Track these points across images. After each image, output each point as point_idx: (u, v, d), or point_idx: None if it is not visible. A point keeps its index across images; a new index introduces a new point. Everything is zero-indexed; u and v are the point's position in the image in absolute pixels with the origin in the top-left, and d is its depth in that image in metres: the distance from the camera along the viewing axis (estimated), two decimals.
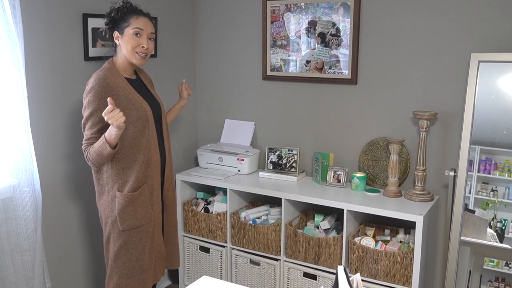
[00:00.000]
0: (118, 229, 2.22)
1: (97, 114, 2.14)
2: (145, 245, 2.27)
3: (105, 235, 2.29)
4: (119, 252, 2.24)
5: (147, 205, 2.26)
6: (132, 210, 2.21)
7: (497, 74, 2.46)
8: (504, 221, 2.51)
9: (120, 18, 2.24)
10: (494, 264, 2.60)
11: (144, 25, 2.24)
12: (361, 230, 2.72)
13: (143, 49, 2.23)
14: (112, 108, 2.02)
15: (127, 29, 2.21)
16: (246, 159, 3.08)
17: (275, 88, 3.19)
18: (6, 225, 2.27)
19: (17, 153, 2.27)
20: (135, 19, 2.23)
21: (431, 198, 2.64)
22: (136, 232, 2.24)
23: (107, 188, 2.24)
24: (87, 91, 2.18)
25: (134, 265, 2.26)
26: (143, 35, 2.23)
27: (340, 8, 2.86)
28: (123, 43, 2.22)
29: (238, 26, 3.26)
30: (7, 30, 2.16)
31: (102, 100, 2.12)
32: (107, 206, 2.25)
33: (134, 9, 2.27)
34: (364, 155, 2.92)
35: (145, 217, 2.26)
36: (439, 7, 2.61)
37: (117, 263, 2.26)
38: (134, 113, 2.19)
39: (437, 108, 2.66)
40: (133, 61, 2.25)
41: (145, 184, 2.25)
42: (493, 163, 2.55)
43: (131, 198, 2.21)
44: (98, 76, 2.17)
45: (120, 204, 2.20)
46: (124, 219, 2.21)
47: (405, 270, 2.46)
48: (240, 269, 2.99)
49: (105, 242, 2.30)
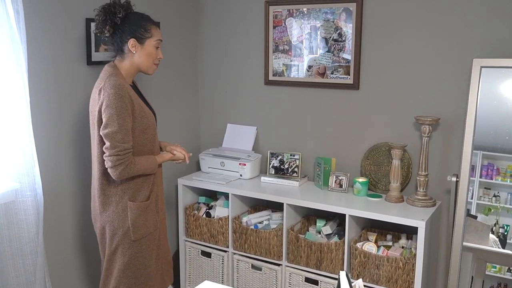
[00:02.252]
0: (129, 240, 2.18)
1: (127, 120, 2.06)
2: (152, 252, 2.26)
3: (111, 247, 2.20)
4: (130, 262, 2.19)
5: (154, 212, 2.25)
6: (143, 219, 2.19)
7: (499, 80, 2.46)
8: (506, 227, 2.51)
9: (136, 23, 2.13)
10: (496, 270, 2.59)
11: (162, 36, 2.20)
12: (363, 235, 2.72)
13: (158, 61, 2.21)
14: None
15: (150, 40, 2.14)
16: (248, 163, 3.08)
17: (277, 93, 3.20)
18: (8, 229, 2.27)
19: (19, 157, 2.28)
20: (156, 30, 2.17)
21: (433, 204, 2.64)
22: (145, 241, 2.22)
23: (115, 199, 2.17)
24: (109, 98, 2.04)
25: (142, 273, 2.23)
26: (160, 45, 2.21)
27: (343, 13, 2.86)
28: (143, 55, 2.15)
29: (240, 31, 3.27)
30: (10, 35, 2.17)
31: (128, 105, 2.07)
32: (116, 217, 2.17)
33: (150, 17, 2.20)
34: (366, 160, 2.91)
35: (153, 224, 2.24)
36: (441, 13, 2.61)
37: (126, 274, 2.20)
38: (146, 120, 2.16)
39: (439, 113, 2.66)
40: (149, 72, 2.21)
41: (153, 192, 2.24)
42: (495, 168, 2.55)
43: (144, 207, 2.18)
44: (116, 82, 2.06)
45: (134, 214, 2.16)
46: (137, 228, 2.17)
47: (407, 276, 2.46)
48: (241, 274, 2.98)
49: (110, 254, 2.21)
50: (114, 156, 2.06)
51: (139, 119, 2.12)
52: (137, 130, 2.13)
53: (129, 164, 2.09)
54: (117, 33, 2.15)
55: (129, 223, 2.16)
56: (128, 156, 2.09)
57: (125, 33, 2.14)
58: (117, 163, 2.06)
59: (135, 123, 2.12)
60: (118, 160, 2.06)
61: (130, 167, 2.09)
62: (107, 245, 2.23)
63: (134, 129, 2.12)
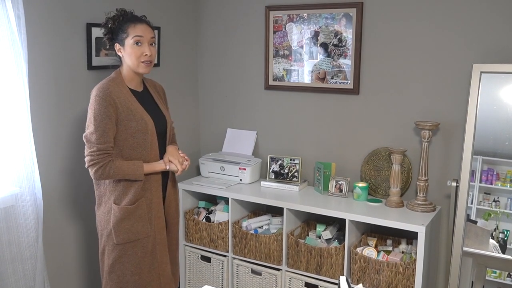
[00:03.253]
0: (113, 242, 2.19)
1: (105, 122, 2.09)
2: (141, 260, 2.22)
3: (100, 246, 2.26)
4: (114, 265, 2.20)
5: (145, 219, 2.21)
6: (128, 224, 2.17)
7: (499, 85, 2.47)
8: (506, 232, 2.51)
9: (118, 28, 2.18)
10: (496, 275, 2.59)
11: (143, 32, 2.16)
12: (363, 240, 2.72)
13: (146, 57, 2.17)
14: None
15: (127, 39, 2.15)
16: (248, 168, 3.08)
17: (277, 98, 3.20)
18: (8, 233, 2.27)
19: (19, 162, 2.28)
20: (133, 27, 2.16)
21: (433, 209, 2.64)
22: (131, 247, 2.19)
23: (104, 199, 2.21)
24: (91, 101, 2.14)
25: (128, 279, 2.21)
26: (144, 42, 2.16)
27: (343, 19, 2.87)
28: (126, 55, 2.17)
29: (240, 36, 3.28)
30: (11, 39, 2.18)
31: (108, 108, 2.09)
32: (103, 217, 2.21)
33: (130, 17, 2.20)
34: (366, 165, 2.92)
35: (141, 231, 2.20)
36: (441, 18, 2.62)
37: (111, 277, 2.22)
38: (134, 124, 2.15)
39: (439, 118, 2.67)
40: (139, 71, 2.20)
41: (143, 198, 2.20)
42: (495, 173, 2.55)
43: (128, 211, 2.17)
44: (101, 85, 2.14)
45: (116, 217, 2.16)
46: (119, 232, 2.17)
47: (407, 281, 2.45)
48: (241, 278, 2.98)
49: (101, 253, 2.27)
50: (89, 156, 2.12)
51: (125, 122, 2.13)
52: (123, 133, 2.14)
53: (105, 166, 2.10)
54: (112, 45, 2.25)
55: (111, 225, 2.18)
56: (104, 157, 2.10)
57: (113, 41, 2.22)
58: (91, 163, 2.11)
59: (120, 127, 2.13)
60: (92, 161, 2.10)
61: (106, 169, 2.11)
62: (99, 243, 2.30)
63: (121, 133, 2.14)
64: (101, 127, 2.09)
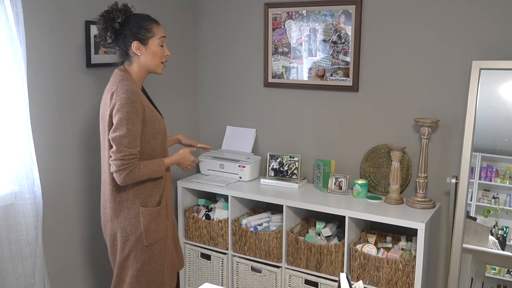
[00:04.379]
0: (142, 245, 2.16)
1: (136, 126, 2.04)
2: (164, 256, 2.25)
3: (123, 253, 2.19)
4: (143, 268, 2.18)
5: (164, 217, 2.24)
6: (155, 224, 2.18)
7: (498, 82, 2.47)
8: (505, 229, 2.51)
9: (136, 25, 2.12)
10: (496, 271, 2.59)
11: (164, 33, 2.17)
12: (362, 237, 2.72)
13: (166, 58, 2.18)
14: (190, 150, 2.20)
15: (153, 39, 2.12)
16: (247, 166, 3.08)
17: (276, 95, 3.20)
18: (7, 231, 2.27)
19: (18, 160, 2.27)
20: (157, 27, 2.14)
21: (432, 205, 2.64)
22: (157, 245, 2.21)
23: (127, 205, 2.16)
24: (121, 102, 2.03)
25: (154, 278, 2.21)
26: (164, 43, 2.17)
27: (342, 16, 2.87)
28: (149, 55, 2.13)
29: (239, 33, 3.28)
30: (9, 37, 2.17)
31: (139, 111, 2.05)
32: (128, 223, 2.15)
33: (149, 16, 2.18)
34: (366, 162, 2.92)
35: (164, 229, 2.23)
36: (441, 15, 2.62)
37: (139, 280, 2.18)
38: (156, 125, 2.14)
39: (439, 115, 2.67)
40: (158, 71, 2.19)
41: (163, 197, 2.23)
42: (495, 170, 2.55)
43: (156, 212, 2.18)
44: (129, 87, 2.05)
45: (146, 219, 2.15)
46: (149, 233, 2.16)
47: (407, 278, 2.46)
48: (241, 276, 2.98)
49: (122, 261, 2.20)
50: (119, 160, 2.04)
51: (150, 123, 2.10)
52: (147, 135, 2.11)
53: (134, 169, 2.06)
54: (120, 38, 2.15)
55: (141, 228, 2.14)
56: (133, 161, 2.06)
57: (127, 37, 2.12)
58: (121, 168, 2.04)
59: (146, 128, 2.10)
60: (123, 165, 2.04)
61: (134, 172, 2.06)
62: (118, 251, 2.21)
63: (145, 134, 2.11)
64: (133, 131, 2.04)
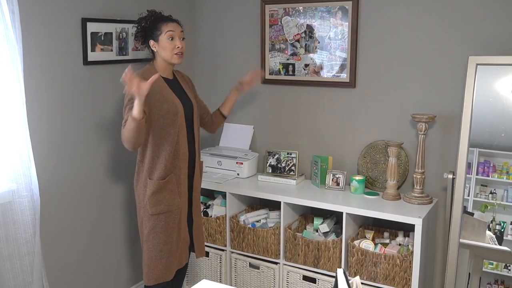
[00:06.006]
0: (148, 213, 2.40)
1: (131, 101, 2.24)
2: (172, 230, 2.44)
3: (139, 218, 2.49)
4: (149, 234, 2.42)
5: (175, 193, 2.43)
6: (160, 197, 2.39)
7: (495, 77, 2.47)
8: (503, 224, 2.52)
9: (152, 27, 2.43)
10: (493, 266, 2.60)
11: (174, 28, 2.45)
12: (360, 233, 2.73)
13: (179, 49, 2.44)
14: (130, 76, 2.12)
15: (161, 36, 2.42)
16: (245, 162, 3.08)
17: (273, 92, 3.20)
18: (5, 229, 2.27)
19: (15, 158, 2.27)
20: (165, 25, 2.43)
21: (430, 201, 2.64)
22: (164, 217, 2.40)
23: (141, 176, 2.44)
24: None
25: (162, 248, 2.42)
26: (175, 36, 2.43)
27: (338, 12, 2.87)
28: (161, 49, 2.43)
29: (236, 30, 3.27)
30: (6, 34, 2.17)
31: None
32: (141, 191, 2.44)
33: (162, 16, 2.48)
34: (363, 158, 2.92)
35: (172, 204, 2.42)
36: (437, 10, 2.62)
37: (147, 245, 2.43)
38: (165, 106, 2.37)
39: (436, 111, 2.67)
40: (173, 61, 2.45)
41: (173, 173, 2.41)
42: (492, 165, 2.56)
43: (159, 185, 2.38)
44: (138, 72, 2.32)
45: (150, 190, 2.39)
46: (152, 204, 2.39)
47: (405, 273, 2.46)
48: (239, 272, 2.99)
49: (139, 225, 2.50)
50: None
51: (157, 104, 2.35)
52: (155, 114, 2.35)
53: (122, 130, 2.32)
54: (145, 41, 2.50)
55: (146, 198, 2.40)
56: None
57: (147, 38, 2.47)
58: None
59: (153, 108, 2.34)
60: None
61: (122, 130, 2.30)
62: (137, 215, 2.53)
63: (153, 113, 2.34)
64: (128, 105, 2.28)
